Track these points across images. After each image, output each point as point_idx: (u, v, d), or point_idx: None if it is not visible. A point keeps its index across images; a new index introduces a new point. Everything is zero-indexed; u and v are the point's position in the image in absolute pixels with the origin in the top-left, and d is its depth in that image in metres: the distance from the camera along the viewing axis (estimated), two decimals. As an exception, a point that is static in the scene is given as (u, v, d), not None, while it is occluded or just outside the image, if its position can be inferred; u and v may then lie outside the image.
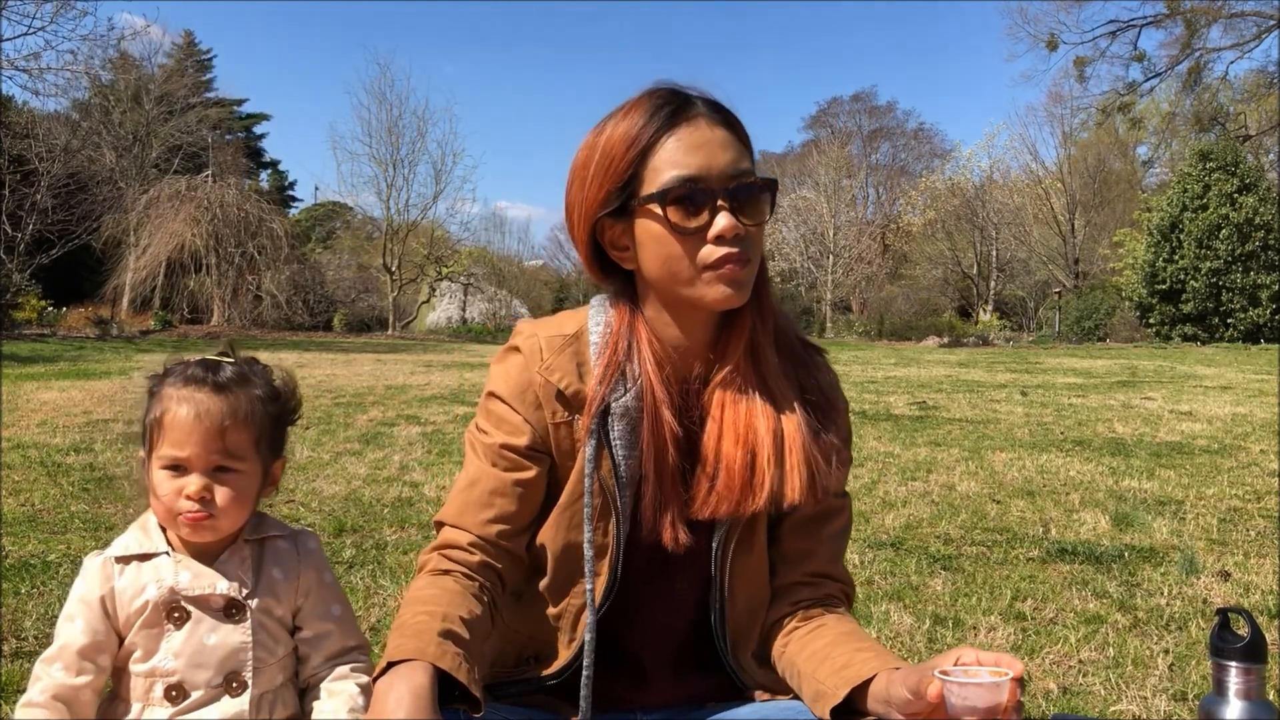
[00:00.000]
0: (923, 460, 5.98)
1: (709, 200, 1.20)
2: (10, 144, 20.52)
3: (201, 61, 38.05)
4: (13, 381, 10.06)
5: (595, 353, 1.30)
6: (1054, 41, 32.16)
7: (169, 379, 1.32)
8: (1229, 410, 8.82)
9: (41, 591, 3.05)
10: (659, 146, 1.21)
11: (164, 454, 1.28)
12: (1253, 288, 25.13)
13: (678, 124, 1.22)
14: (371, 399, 9.04)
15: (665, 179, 1.20)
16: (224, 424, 1.28)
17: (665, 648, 1.35)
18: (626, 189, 1.23)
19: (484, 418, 1.33)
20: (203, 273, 24.58)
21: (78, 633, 1.29)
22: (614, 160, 1.23)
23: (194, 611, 1.29)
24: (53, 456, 5.54)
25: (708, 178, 1.20)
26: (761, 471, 1.26)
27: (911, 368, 15.25)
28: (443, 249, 31.86)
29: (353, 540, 3.83)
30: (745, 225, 1.21)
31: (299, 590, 1.35)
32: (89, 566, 1.32)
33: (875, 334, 29.28)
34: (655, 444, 1.27)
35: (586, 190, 1.26)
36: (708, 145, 1.21)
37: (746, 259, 1.22)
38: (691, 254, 1.21)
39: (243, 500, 1.32)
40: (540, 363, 1.30)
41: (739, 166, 1.22)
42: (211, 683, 1.28)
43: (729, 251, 1.20)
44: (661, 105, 1.23)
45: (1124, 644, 2.79)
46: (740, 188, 1.21)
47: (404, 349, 19.71)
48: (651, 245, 1.24)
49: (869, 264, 37.19)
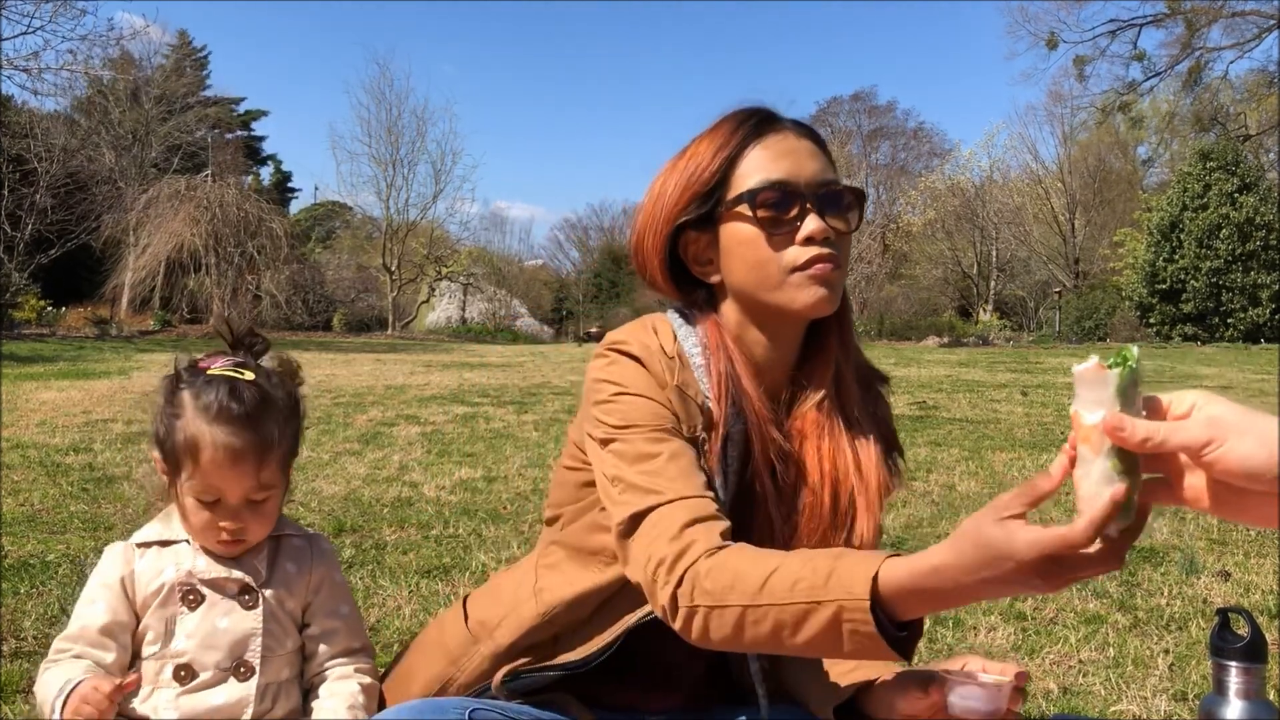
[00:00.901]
0: (923, 460, 5.97)
1: (798, 203, 1.21)
2: (9, 144, 20.52)
3: (197, 60, 38.04)
4: (12, 381, 10.05)
5: (700, 373, 1.25)
6: (1054, 40, 32.19)
7: (191, 396, 1.32)
8: (1229, 410, 8.82)
9: (41, 591, 3.04)
10: (746, 154, 1.23)
11: (197, 488, 1.30)
12: (1253, 287, 25.15)
13: (765, 134, 1.24)
14: (371, 399, 9.03)
15: (754, 181, 1.22)
16: (259, 462, 1.31)
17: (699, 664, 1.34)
18: (713, 196, 1.24)
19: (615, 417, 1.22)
20: (202, 272, 24.57)
21: (99, 613, 1.31)
22: (701, 168, 1.24)
23: (208, 594, 1.32)
24: (52, 456, 5.53)
25: (796, 182, 1.21)
26: (844, 509, 1.26)
27: (912, 367, 15.25)
28: (442, 249, 31.88)
29: (352, 540, 3.83)
30: (834, 229, 1.22)
31: (310, 586, 1.38)
32: (110, 552, 1.36)
33: (875, 334, 29.29)
34: (764, 464, 1.25)
35: (666, 201, 1.26)
36: (796, 153, 1.23)
37: (837, 261, 1.22)
38: (780, 256, 1.21)
39: (273, 518, 1.37)
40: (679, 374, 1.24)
41: (826, 175, 1.23)
42: (220, 665, 1.30)
43: (819, 252, 1.20)
44: (748, 118, 1.25)
45: (1124, 644, 2.79)
46: (829, 194, 1.22)
47: (403, 349, 19.71)
48: (739, 250, 1.23)
49: (869, 264, 37.15)
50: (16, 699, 2.27)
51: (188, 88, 30.35)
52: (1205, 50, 29.96)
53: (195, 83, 33.39)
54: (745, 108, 1.28)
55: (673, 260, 1.29)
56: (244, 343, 1.40)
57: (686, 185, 1.25)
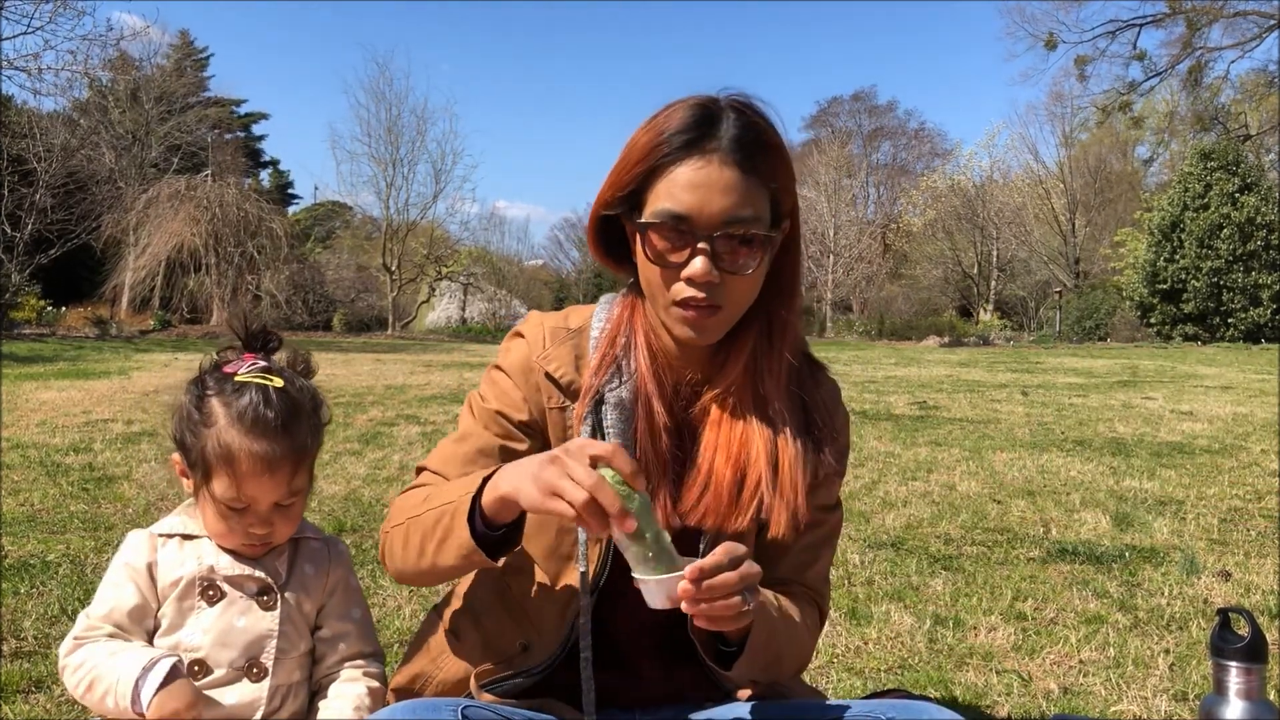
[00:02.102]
0: (923, 460, 5.97)
1: (690, 243, 1.21)
2: (9, 144, 20.52)
3: (198, 60, 38.04)
4: (12, 381, 10.05)
5: (594, 346, 1.34)
6: (1053, 41, 32.20)
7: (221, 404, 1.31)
8: (1230, 410, 8.82)
9: (41, 591, 3.04)
10: (665, 172, 1.22)
11: (229, 495, 1.31)
12: (1254, 287, 25.14)
13: (690, 154, 1.21)
14: (371, 399, 9.03)
15: (657, 209, 1.22)
16: (293, 470, 1.32)
17: (647, 638, 1.36)
18: (629, 200, 1.26)
19: (487, 386, 1.38)
20: (202, 272, 24.56)
21: (130, 595, 1.32)
22: (626, 169, 1.25)
23: (229, 591, 1.33)
24: (52, 456, 5.53)
25: (696, 219, 1.20)
26: (749, 494, 1.28)
27: (912, 367, 15.24)
28: (442, 249, 31.85)
29: (352, 540, 3.82)
30: (724, 272, 1.21)
31: (326, 587, 1.39)
32: (134, 538, 1.36)
33: (875, 334, 29.27)
34: (649, 434, 1.29)
35: (604, 184, 1.29)
36: (707, 186, 1.20)
37: (713, 307, 1.23)
38: (666, 285, 1.24)
39: (298, 519, 1.38)
40: (541, 350, 1.34)
41: (737, 214, 1.20)
42: (234, 664, 1.31)
43: (693, 296, 1.22)
44: (686, 128, 1.22)
45: (1124, 644, 2.78)
46: (727, 236, 1.20)
47: (403, 349, 19.70)
48: (639, 261, 1.27)
49: (869, 264, 37.17)
50: (17, 699, 2.27)
51: (188, 88, 30.33)
52: (1206, 50, 29.97)
53: (196, 83, 33.39)
54: (699, 105, 1.24)
55: (611, 238, 1.33)
56: (258, 340, 1.39)
57: (613, 181, 1.26)
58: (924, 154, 44.92)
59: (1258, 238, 25.24)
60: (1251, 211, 25.18)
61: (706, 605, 1.09)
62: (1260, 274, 25.12)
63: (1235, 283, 25.20)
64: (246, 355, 1.38)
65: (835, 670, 2.60)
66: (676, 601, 1.09)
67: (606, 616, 1.32)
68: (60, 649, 1.32)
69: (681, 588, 1.08)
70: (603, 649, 1.32)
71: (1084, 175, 35.43)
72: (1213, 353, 20.63)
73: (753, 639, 1.22)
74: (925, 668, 2.60)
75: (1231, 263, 25.26)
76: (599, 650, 1.32)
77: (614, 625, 1.34)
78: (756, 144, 1.22)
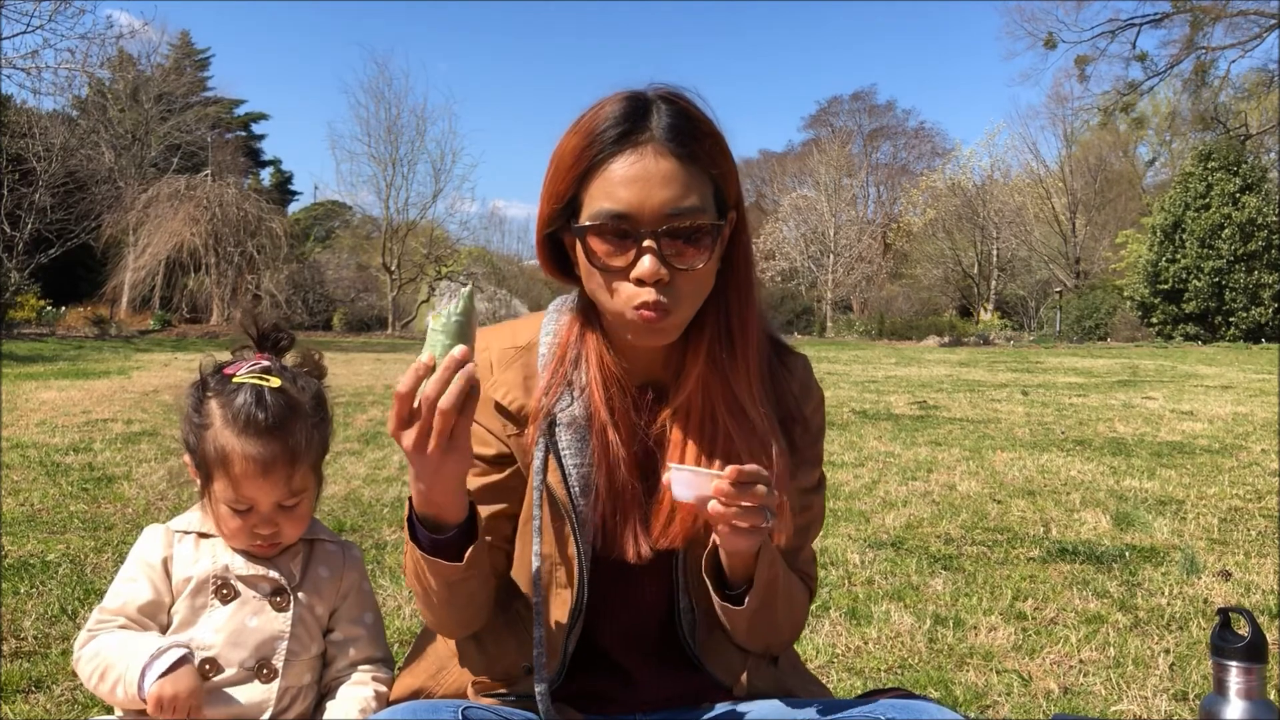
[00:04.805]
0: (923, 460, 5.97)
1: (633, 242, 1.13)
2: (9, 143, 20.53)
3: (199, 60, 38.05)
4: (12, 381, 10.05)
5: (543, 364, 1.27)
6: (1052, 40, 32.20)
7: (218, 405, 1.31)
8: (1230, 410, 8.82)
9: (41, 591, 3.04)
10: (599, 171, 1.14)
11: (230, 497, 1.31)
12: (1255, 287, 25.17)
13: (623, 148, 1.13)
14: (371, 399, 9.03)
15: (595, 210, 1.14)
16: (289, 471, 1.31)
17: (637, 647, 1.34)
18: (567, 210, 1.18)
19: None
20: (202, 272, 24.58)
21: (143, 590, 1.32)
22: (559, 177, 1.17)
23: (242, 591, 1.33)
24: (52, 456, 5.53)
25: (638, 215, 1.12)
26: None
27: (912, 367, 15.25)
28: (442, 248, 31.86)
29: (352, 540, 3.82)
30: (673, 268, 1.14)
31: (340, 591, 1.39)
32: (150, 533, 1.37)
33: (876, 333, 29.28)
34: (605, 459, 1.24)
35: (541, 199, 1.21)
36: (645, 179, 1.13)
37: (667, 308, 1.15)
38: (613, 291, 1.16)
39: (306, 518, 1.37)
40: (489, 377, 1.27)
41: (679, 205, 1.13)
42: (245, 664, 1.31)
43: (648, 298, 1.14)
44: (616, 122, 1.14)
45: (1125, 644, 2.78)
46: (672, 230, 1.13)
47: (403, 348, 19.70)
48: (585, 271, 1.19)
49: (869, 263, 37.18)
50: (16, 699, 2.27)
51: (188, 87, 30.35)
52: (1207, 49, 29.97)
53: (195, 83, 33.41)
54: (623, 101, 1.16)
55: (563, 255, 1.25)
56: (269, 339, 1.39)
57: (548, 193, 1.19)
58: (924, 154, 44.95)
59: (1259, 238, 25.25)
60: (1253, 212, 25.20)
61: (737, 510, 1.08)
62: (1261, 274, 25.14)
63: (1236, 282, 25.22)
64: (257, 355, 1.37)
65: (835, 670, 2.60)
66: (706, 499, 1.08)
67: (592, 628, 1.30)
68: (76, 642, 1.33)
69: (716, 485, 1.07)
70: (595, 658, 1.31)
71: (1084, 175, 35.44)
72: (1213, 352, 20.64)
73: (761, 571, 1.20)
74: (925, 668, 2.60)
75: (1233, 263, 25.28)
76: (591, 660, 1.31)
77: (601, 639, 1.32)
78: (692, 131, 1.15)
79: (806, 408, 1.33)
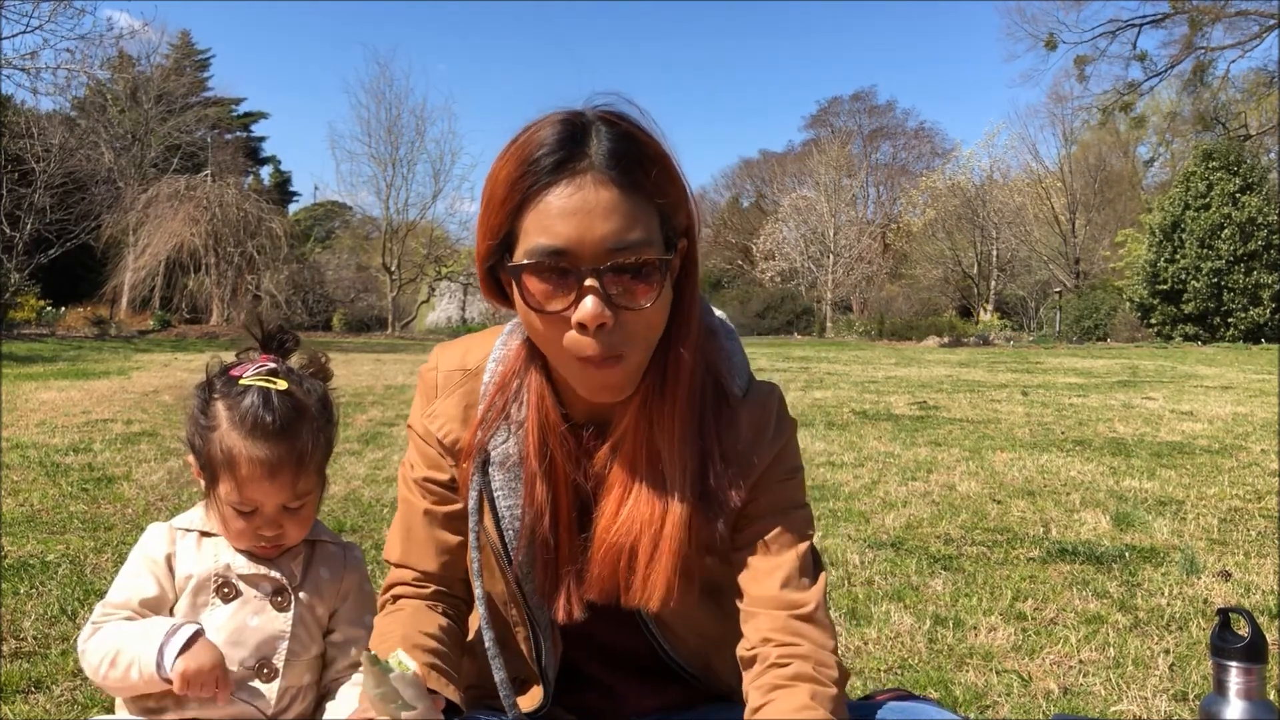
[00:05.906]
0: (923, 460, 5.97)
1: (576, 279, 1.02)
2: (8, 143, 20.53)
3: (199, 61, 38.07)
4: (11, 381, 10.05)
5: (483, 393, 1.20)
6: (1052, 41, 32.21)
7: (225, 407, 1.31)
8: (1230, 410, 8.82)
9: (40, 591, 3.04)
10: (534, 202, 1.02)
11: (235, 499, 1.31)
12: (1254, 287, 25.17)
13: (559, 178, 1.02)
14: (371, 399, 9.03)
15: (530, 247, 1.02)
16: (295, 473, 1.32)
17: (625, 673, 1.32)
18: (503, 246, 1.07)
19: (410, 450, 1.28)
20: (202, 272, 24.59)
21: (147, 585, 1.32)
22: (492, 210, 1.06)
23: (244, 590, 1.33)
24: (51, 456, 5.53)
25: (577, 252, 1.01)
26: (636, 573, 1.14)
27: (912, 368, 15.25)
28: (442, 248, 31.87)
29: (352, 541, 3.82)
30: (619, 309, 1.02)
31: (340, 592, 1.39)
32: (154, 530, 1.37)
33: (875, 334, 29.28)
34: (533, 506, 1.17)
35: (477, 233, 1.10)
36: (584, 212, 1.01)
37: (615, 357, 1.04)
38: (554, 337, 1.05)
39: (310, 520, 1.38)
40: (430, 404, 1.24)
41: (623, 239, 1.01)
42: (245, 663, 1.31)
43: (593, 352, 1.03)
44: (551, 149, 1.03)
45: (1124, 644, 2.78)
46: (616, 266, 1.01)
47: (403, 349, 19.71)
48: (521, 312, 1.09)
49: (869, 263, 37.21)
50: (16, 699, 2.27)
51: (187, 87, 30.36)
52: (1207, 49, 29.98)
53: (195, 83, 33.41)
54: (559, 124, 1.05)
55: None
56: (275, 340, 1.39)
57: (483, 226, 1.08)
58: (924, 154, 44.96)
59: (1259, 238, 25.25)
60: (1253, 212, 25.20)
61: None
62: (1261, 274, 25.14)
63: (1236, 283, 25.22)
64: (263, 357, 1.37)
65: (835, 670, 2.60)
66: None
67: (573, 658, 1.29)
68: (78, 638, 1.33)
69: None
70: (580, 679, 1.30)
71: (1084, 175, 35.45)
72: (1213, 353, 20.63)
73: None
74: (925, 668, 2.60)
75: (1232, 263, 25.27)
76: (577, 680, 1.30)
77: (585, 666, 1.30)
78: (635, 156, 1.03)
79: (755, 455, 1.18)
